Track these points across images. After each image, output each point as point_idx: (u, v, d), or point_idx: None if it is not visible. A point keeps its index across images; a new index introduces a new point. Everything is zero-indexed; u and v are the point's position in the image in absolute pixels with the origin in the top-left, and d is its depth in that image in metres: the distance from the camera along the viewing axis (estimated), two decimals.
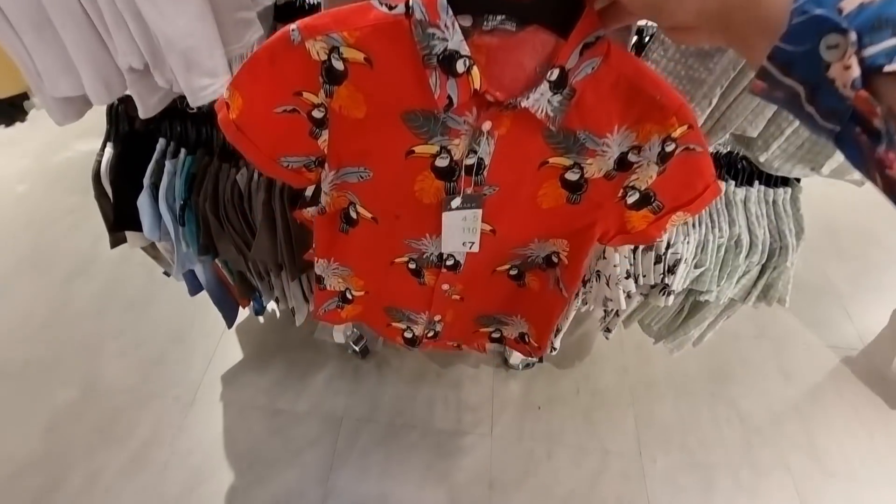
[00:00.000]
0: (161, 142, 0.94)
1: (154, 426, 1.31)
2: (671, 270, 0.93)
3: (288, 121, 0.54)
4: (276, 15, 1.12)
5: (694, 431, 1.38)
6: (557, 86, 0.49)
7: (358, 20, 0.47)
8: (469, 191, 0.59)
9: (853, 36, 0.24)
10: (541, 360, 1.45)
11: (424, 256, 0.71)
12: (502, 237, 0.66)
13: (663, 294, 0.97)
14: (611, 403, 1.43)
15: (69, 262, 1.70)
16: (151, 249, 1.13)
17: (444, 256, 0.70)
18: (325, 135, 0.57)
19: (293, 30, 0.48)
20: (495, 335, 0.92)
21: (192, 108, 0.86)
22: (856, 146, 0.27)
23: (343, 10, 0.48)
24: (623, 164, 0.56)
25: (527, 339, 0.87)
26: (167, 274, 1.22)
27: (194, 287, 1.19)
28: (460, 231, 0.64)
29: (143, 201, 0.94)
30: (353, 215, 0.67)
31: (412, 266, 0.74)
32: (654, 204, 0.59)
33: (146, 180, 0.92)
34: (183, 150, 0.94)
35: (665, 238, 0.92)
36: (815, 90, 0.27)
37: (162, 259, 1.16)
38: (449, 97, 0.49)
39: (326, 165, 0.60)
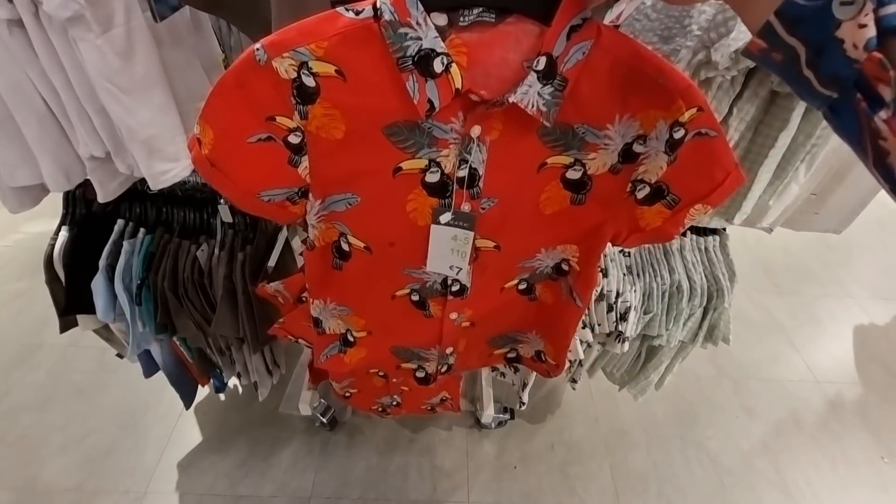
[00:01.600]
0: (119, 223, 0.94)
1: None
2: (623, 318, 0.99)
3: (264, 150, 0.51)
4: None
5: (669, 478, 1.38)
6: (546, 76, 0.45)
7: (325, 30, 0.44)
8: (466, 206, 0.55)
9: None
10: (512, 417, 1.44)
11: (427, 285, 0.66)
12: (508, 252, 0.62)
13: (619, 341, 1.01)
14: (586, 456, 1.42)
15: (10, 350, 1.59)
16: (104, 331, 1.09)
17: (450, 282, 0.64)
18: (305, 162, 0.52)
19: (258, 49, 0.44)
20: (511, 355, 0.86)
21: (153, 190, 0.88)
22: (854, 114, 0.25)
23: (309, 21, 0.45)
24: (628, 156, 0.52)
25: (543, 358, 0.82)
26: (120, 356, 1.17)
27: (149, 368, 1.15)
28: (448, 251, 0.59)
29: (98, 283, 0.92)
30: (345, 247, 0.62)
31: (415, 298, 0.68)
32: (668, 198, 0.54)
33: (102, 262, 0.92)
34: (142, 230, 0.95)
35: (614, 287, 0.98)
36: (818, 52, 0.26)
37: (115, 341, 1.12)
38: (430, 101, 0.46)
39: (311, 195, 0.56)
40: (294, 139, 0.51)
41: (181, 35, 0.75)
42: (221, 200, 0.90)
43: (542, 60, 0.45)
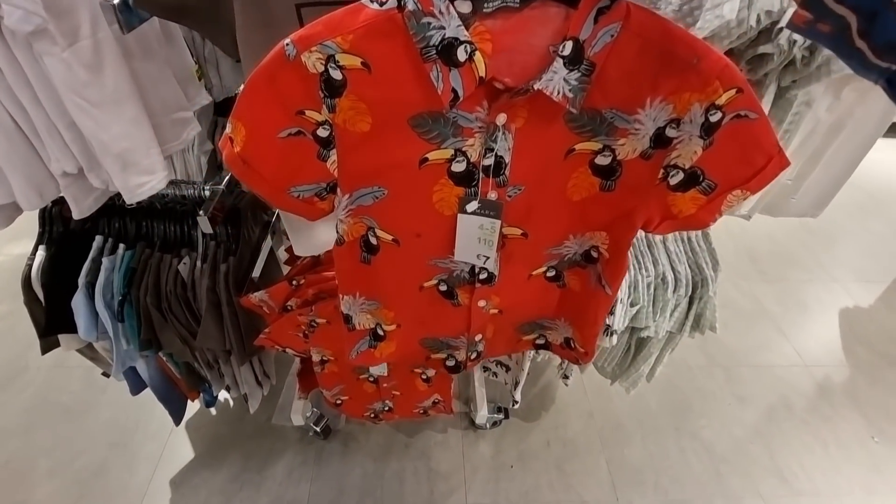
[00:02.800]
0: (98, 239, 0.93)
1: None
2: (610, 311, 0.99)
3: (294, 145, 0.52)
4: (216, 110, 1.18)
5: (665, 469, 1.39)
6: (573, 61, 0.44)
7: (350, 23, 0.45)
8: (493, 195, 0.54)
9: None
10: (507, 416, 1.44)
11: (455, 275, 0.66)
12: (535, 239, 0.62)
13: (607, 334, 1.01)
14: (582, 451, 1.42)
15: None
16: (88, 350, 1.08)
17: (477, 270, 0.64)
18: (333, 156, 0.53)
19: (287, 44, 0.45)
20: (539, 342, 0.85)
21: (132, 204, 0.87)
22: None
23: (336, 14, 0.45)
24: (661, 141, 0.50)
25: (572, 345, 0.80)
26: (106, 374, 1.16)
27: (136, 385, 1.13)
28: (475, 241, 0.58)
29: (79, 301, 0.91)
30: (373, 241, 0.62)
31: (443, 288, 0.68)
32: (703, 183, 0.51)
33: (81, 279, 0.90)
34: (121, 246, 0.93)
35: None
36: (871, 20, 0.24)
37: (100, 359, 1.10)
38: (454, 90, 0.46)
39: (339, 190, 0.57)
40: (323, 132, 0.51)
41: (152, 47, 0.75)
42: (201, 212, 0.89)
43: (569, 45, 0.44)
